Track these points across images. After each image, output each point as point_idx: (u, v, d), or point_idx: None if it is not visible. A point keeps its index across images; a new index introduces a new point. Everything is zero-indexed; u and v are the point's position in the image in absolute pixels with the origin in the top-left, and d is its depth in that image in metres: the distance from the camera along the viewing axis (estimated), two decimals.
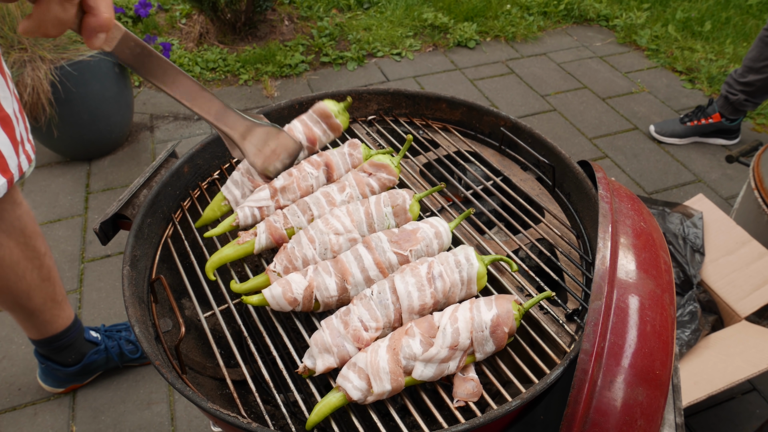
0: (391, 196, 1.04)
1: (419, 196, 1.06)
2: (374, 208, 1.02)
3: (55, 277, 1.72)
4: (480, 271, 0.91)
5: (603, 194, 0.96)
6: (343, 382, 0.82)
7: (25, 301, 1.65)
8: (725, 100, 3.04)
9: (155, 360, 0.84)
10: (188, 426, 1.91)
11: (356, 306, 0.88)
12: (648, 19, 4.33)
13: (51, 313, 1.75)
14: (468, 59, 3.91)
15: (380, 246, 0.94)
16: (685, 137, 3.18)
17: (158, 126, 3.26)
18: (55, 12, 0.59)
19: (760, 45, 2.80)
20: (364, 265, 0.93)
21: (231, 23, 3.90)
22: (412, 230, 0.97)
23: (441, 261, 0.91)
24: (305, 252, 0.97)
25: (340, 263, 0.94)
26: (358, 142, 1.18)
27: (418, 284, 0.88)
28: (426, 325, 0.84)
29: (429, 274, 0.89)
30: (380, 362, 0.81)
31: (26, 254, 1.56)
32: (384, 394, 0.81)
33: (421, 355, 0.81)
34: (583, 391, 0.75)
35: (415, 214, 1.05)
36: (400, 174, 1.20)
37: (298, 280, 0.92)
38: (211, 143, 1.22)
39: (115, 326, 2.06)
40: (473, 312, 0.84)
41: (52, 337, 1.81)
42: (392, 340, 0.84)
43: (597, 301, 0.80)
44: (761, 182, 1.95)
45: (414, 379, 0.83)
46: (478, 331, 0.83)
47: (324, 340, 0.86)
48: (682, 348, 1.77)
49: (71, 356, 1.89)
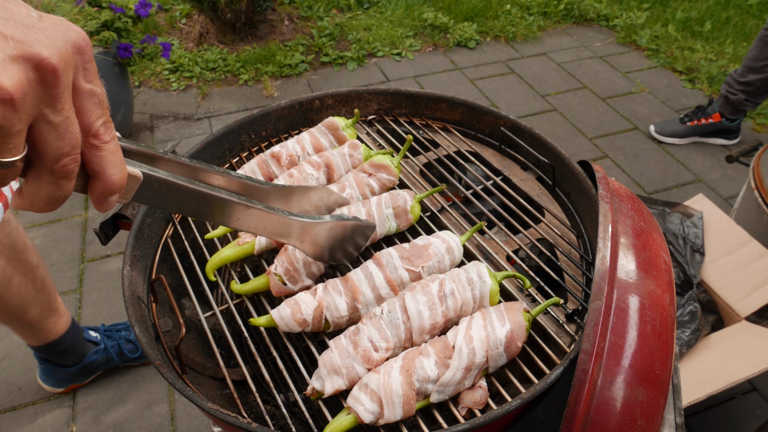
0: (392, 197, 1.03)
1: (420, 196, 1.06)
2: (375, 209, 1.01)
3: (49, 286, 1.71)
4: (493, 289, 0.89)
5: (603, 194, 0.96)
6: (354, 404, 0.80)
7: (22, 314, 1.64)
8: (725, 100, 3.04)
9: (155, 360, 0.84)
10: (188, 426, 1.91)
11: (366, 326, 0.86)
12: (648, 19, 4.33)
13: (48, 321, 1.75)
14: (468, 59, 3.91)
15: (391, 263, 0.92)
16: (685, 137, 3.18)
17: (158, 126, 3.26)
18: (48, 191, 0.46)
19: (760, 45, 2.80)
20: (375, 284, 0.90)
21: (231, 23, 3.90)
22: (424, 246, 0.95)
23: (453, 278, 0.89)
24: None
25: (350, 282, 0.91)
26: (358, 142, 1.18)
27: (429, 303, 0.86)
28: (441, 345, 0.82)
29: (440, 292, 0.87)
30: (393, 384, 0.78)
31: (18, 269, 1.55)
32: (395, 420, 0.79)
33: (437, 380, 0.79)
34: (583, 391, 0.75)
35: (416, 216, 1.04)
36: (400, 174, 1.20)
37: (308, 300, 0.90)
38: (211, 143, 1.22)
39: (115, 326, 2.06)
40: (488, 330, 0.82)
41: (50, 343, 1.81)
42: (405, 360, 0.81)
43: (597, 301, 0.80)
44: (761, 182, 1.95)
45: (427, 401, 0.82)
46: (494, 348, 0.81)
47: (333, 361, 0.83)
48: (682, 348, 1.77)
49: (71, 358, 1.90)
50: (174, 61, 3.69)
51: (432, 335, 0.87)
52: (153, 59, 2.86)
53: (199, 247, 1.12)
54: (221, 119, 3.32)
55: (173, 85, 3.57)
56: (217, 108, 3.41)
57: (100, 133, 0.46)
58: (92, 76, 0.45)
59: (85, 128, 0.45)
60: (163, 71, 3.65)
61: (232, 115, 3.35)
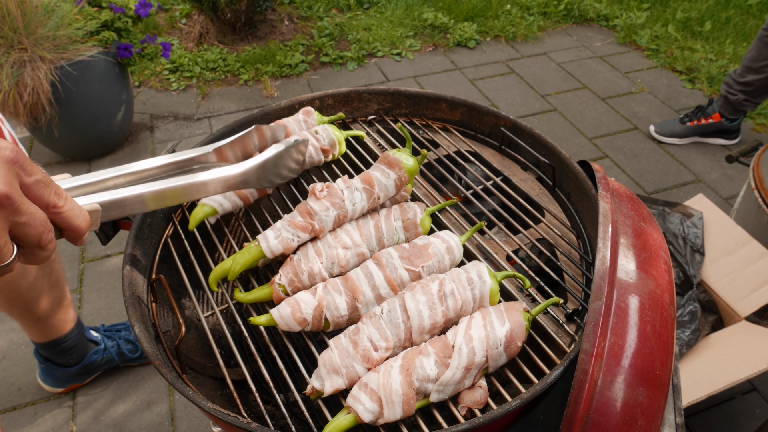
0: (401, 210, 1.02)
1: (431, 210, 1.04)
2: (384, 222, 1.00)
3: (62, 282, 1.73)
4: (493, 289, 0.89)
5: (603, 194, 0.96)
6: (354, 403, 0.80)
7: (34, 307, 1.65)
8: (725, 100, 3.04)
9: (155, 360, 0.84)
10: (188, 426, 1.91)
11: (366, 325, 0.85)
12: (648, 19, 4.33)
13: (57, 318, 1.75)
14: (468, 59, 3.91)
15: (391, 263, 0.92)
16: (685, 137, 3.18)
17: (158, 126, 3.26)
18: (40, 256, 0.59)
19: (759, 45, 2.80)
20: (375, 283, 0.90)
21: (231, 23, 3.90)
22: (424, 245, 0.95)
23: (453, 278, 0.89)
24: (311, 265, 0.94)
25: (350, 281, 0.91)
26: (311, 109, 1.26)
27: (429, 302, 0.86)
28: (440, 345, 0.82)
29: (440, 292, 0.87)
30: (393, 384, 0.78)
31: None
32: (394, 420, 0.79)
33: (436, 379, 0.80)
34: (584, 391, 0.75)
35: (426, 229, 1.02)
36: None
37: (308, 300, 0.89)
38: (211, 143, 1.22)
39: (115, 326, 2.06)
40: (487, 329, 0.82)
41: (56, 340, 1.81)
42: (405, 360, 0.81)
43: (597, 301, 0.80)
44: (761, 182, 1.95)
45: (427, 401, 0.82)
46: (493, 348, 0.81)
47: (333, 360, 0.83)
48: (682, 348, 1.77)
49: (73, 357, 1.90)
50: (174, 61, 3.69)
51: (432, 335, 0.87)
52: (153, 59, 2.86)
53: (199, 247, 1.12)
54: (221, 119, 3.32)
55: (173, 85, 3.57)
56: (217, 108, 3.41)
57: (56, 203, 0.59)
58: (31, 170, 0.56)
59: (44, 205, 0.57)
60: (163, 71, 3.65)
61: (232, 115, 3.35)
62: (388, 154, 1.04)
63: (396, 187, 1.03)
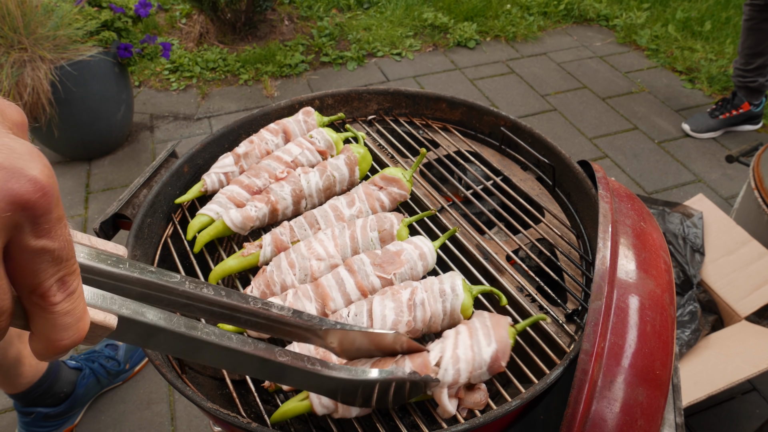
0: (378, 220, 1.00)
1: (408, 220, 1.02)
2: (360, 232, 0.98)
3: None
4: (465, 303, 0.87)
5: (603, 194, 0.96)
6: (312, 395, 0.80)
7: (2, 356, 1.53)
8: (747, 90, 3.14)
9: (155, 360, 0.84)
10: (188, 426, 1.91)
11: None
12: (648, 19, 4.33)
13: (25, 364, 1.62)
14: (468, 59, 3.91)
15: (363, 269, 0.91)
16: (719, 129, 3.28)
17: (158, 126, 3.26)
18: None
19: (752, 31, 2.91)
20: (346, 290, 0.89)
21: (231, 23, 3.90)
22: (396, 252, 0.93)
23: (426, 287, 0.88)
24: (284, 277, 0.93)
25: (321, 287, 0.90)
26: (311, 109, 1.25)
27: (397, 310, 0.84)
28: (420, 362, 0.79)
29: (410, 301, 0.86)
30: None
31: None
32: (350, 417, 0.80)
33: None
34: (584, 391, 0.75)
35: (403, 240, 1.00)
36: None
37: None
38: (211, 143, 1.22)
39: (92, 350, 2.00)
40: (474, 350, 0.80)
41: (31, 387, 1.69)
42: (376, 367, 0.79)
43: (597, 301, 0.80)
44: (761, 182, 1.95)
45: (424, 396, 0.82)
46: (477, 369, 0.80)
47: None
48: (682, 348, 1.77)
49: (62, 390, 1.79)
50: (174, 61, 3.69)
51: None
52: (153, 59, 2.86)
53: None
54: (221, 119, 3.32)
55: (173, 85, 3.57)
56: (217, 108, 3.41)
57: (49, 293, 0.38)
58: (46, 231, 0.36)
59: (29, 287, 0.38)
60: (163, 71, 3.65)
61: (232, 114, 3.35)
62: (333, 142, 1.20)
63: (347, 166, 1.11)
